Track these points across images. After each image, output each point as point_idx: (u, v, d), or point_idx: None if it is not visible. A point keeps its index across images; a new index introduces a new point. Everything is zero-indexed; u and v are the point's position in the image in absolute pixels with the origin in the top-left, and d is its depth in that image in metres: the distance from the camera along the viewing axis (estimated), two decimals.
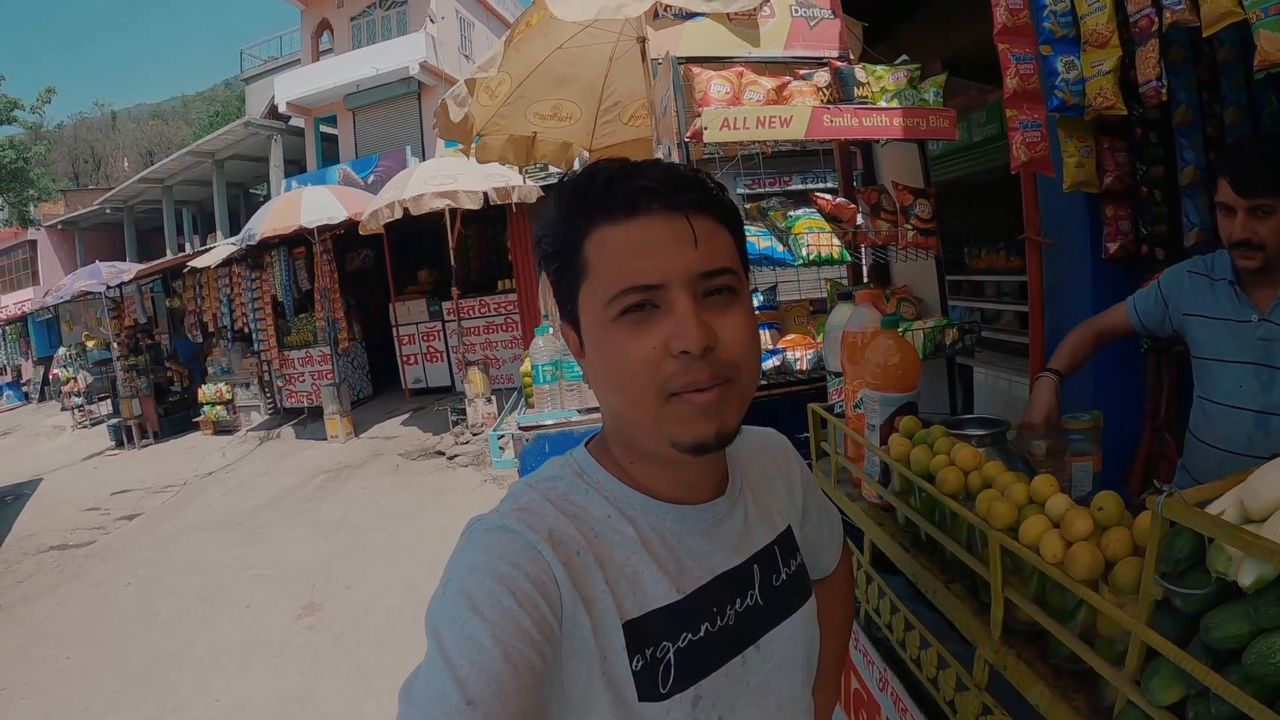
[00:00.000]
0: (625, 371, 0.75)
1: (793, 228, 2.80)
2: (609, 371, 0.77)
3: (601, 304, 0.76)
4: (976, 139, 4.67)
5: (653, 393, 0.75)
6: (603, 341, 0.77)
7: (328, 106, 18.80)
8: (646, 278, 0.74)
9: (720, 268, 0.77)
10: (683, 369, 0.73)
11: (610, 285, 0.75)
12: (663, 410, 0.75)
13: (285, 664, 4.48)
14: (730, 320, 0.77)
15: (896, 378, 1.66)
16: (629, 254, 0.75)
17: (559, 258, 0.80)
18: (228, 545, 6.91)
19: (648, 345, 0.74)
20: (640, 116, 4.97)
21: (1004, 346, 4.25)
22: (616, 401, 0.79)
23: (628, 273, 0.74)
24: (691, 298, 0.74)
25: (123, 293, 13.50)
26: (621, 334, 0.75)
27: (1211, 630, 0.73)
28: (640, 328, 0.74)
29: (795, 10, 3.07)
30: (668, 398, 0.75)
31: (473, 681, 0.63)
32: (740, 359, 0.77)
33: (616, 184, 0.76)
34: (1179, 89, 2.40)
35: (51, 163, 30.67)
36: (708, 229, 0.77)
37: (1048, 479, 1.11)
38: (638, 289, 0.74)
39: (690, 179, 0.79)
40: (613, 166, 0.78)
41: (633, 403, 0.77)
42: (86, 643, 5.18)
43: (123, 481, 10.23)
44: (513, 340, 11.11)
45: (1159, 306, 1.99)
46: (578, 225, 0.78)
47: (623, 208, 0.76)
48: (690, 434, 0.76)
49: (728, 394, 0.76)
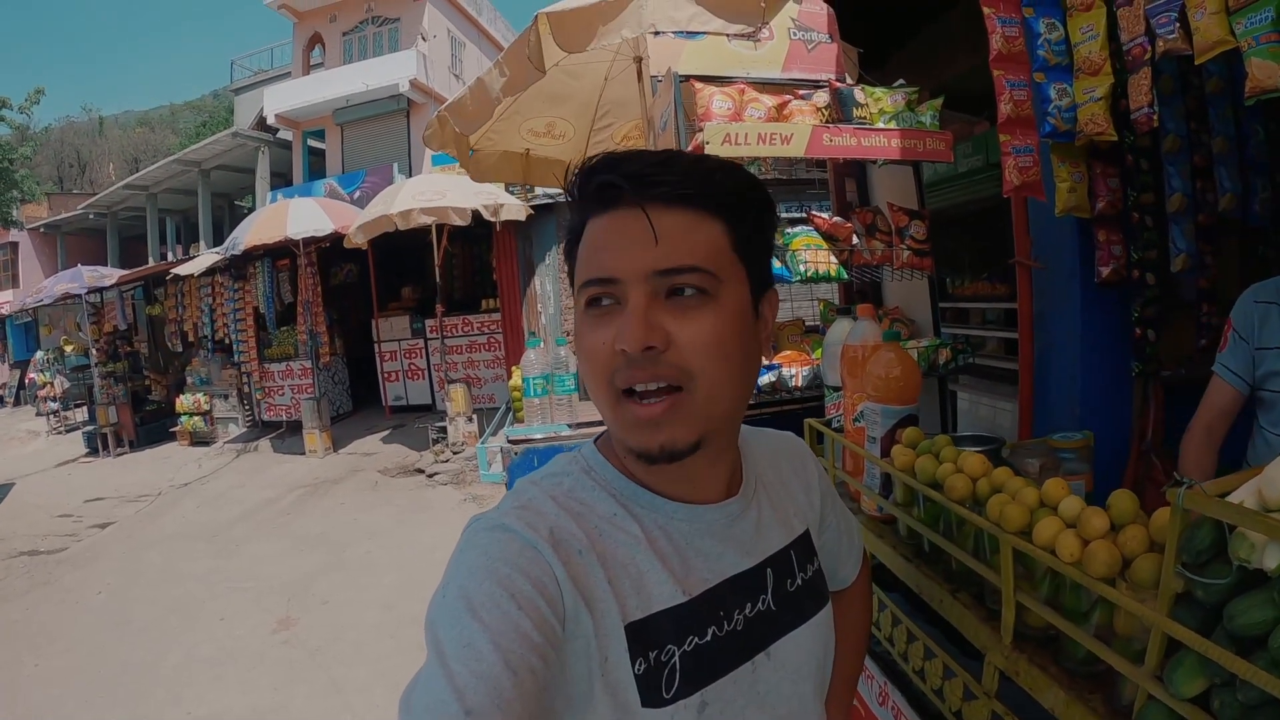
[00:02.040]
0: (586, 361, 0.77)
1: (790, 244, 2.83)
2: (580, 361, 0.79)
3: (576, 293, 0.78)
4: (962, 170, 4.74)
5: (606, 386, 0.75)
6: (577, 329, 0.79)
7: (316, 120, 18.78)
8: (604, 271, 0.74)
9: (684, 266, 0.73)
10: (624, 365, 0.73)
11: (580, 276, 0.77)
12: (616, 408, 0.75)
13: (259, 678, 4.39)
14: (692, 323, 0.73)
15: (898, 390, 1.68)
16: (597, 247, 0.76)
17: (572, 246, 0.81)
18: (203, 557, 6.80)
19: (601, 339, 0.74)
20: (632, 137, 5.00)
21: (989, 373, 4.29)
22: (589, 388, 0.80)
23: (592, 265, 0.75)
24: (645, 295, 0.73)
25: (103, 298, 13.35)
26: (586, 325, 0.77)
27: (1236, 618, 0.74)
28: (600, 321, 0.75)
29: (794, 33, 3.13)
30: (619, 395, 0.74)
31: (471, 690, 0.61)
32: (696, 365, 0.73)
33: (595, 175, 0.76)
34: (1168, 118, 2.45)
35: (36, 165, 30.32)
36: (682, 224, 0.74)
37: (1059, 482, 1.12)
38: (596, 282, 0.75)
39: (677, 169, 0.76)
40: (607, 157, 0.77)
41: (594, 394, 0.78)
42: (55, 649, 5.07)
43: (97, 489, 10.06)
44: (495, 360, 11.09)
45: (1245, 350, 1.90)
46: (580, 215, 0.80)
47: (600, 200, 0.76)
48: (637, 441, 0.75)
49: (678, 405, 0.74)
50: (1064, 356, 2.86)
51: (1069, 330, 2.86)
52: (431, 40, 18.29)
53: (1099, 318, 2.75)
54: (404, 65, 17.39)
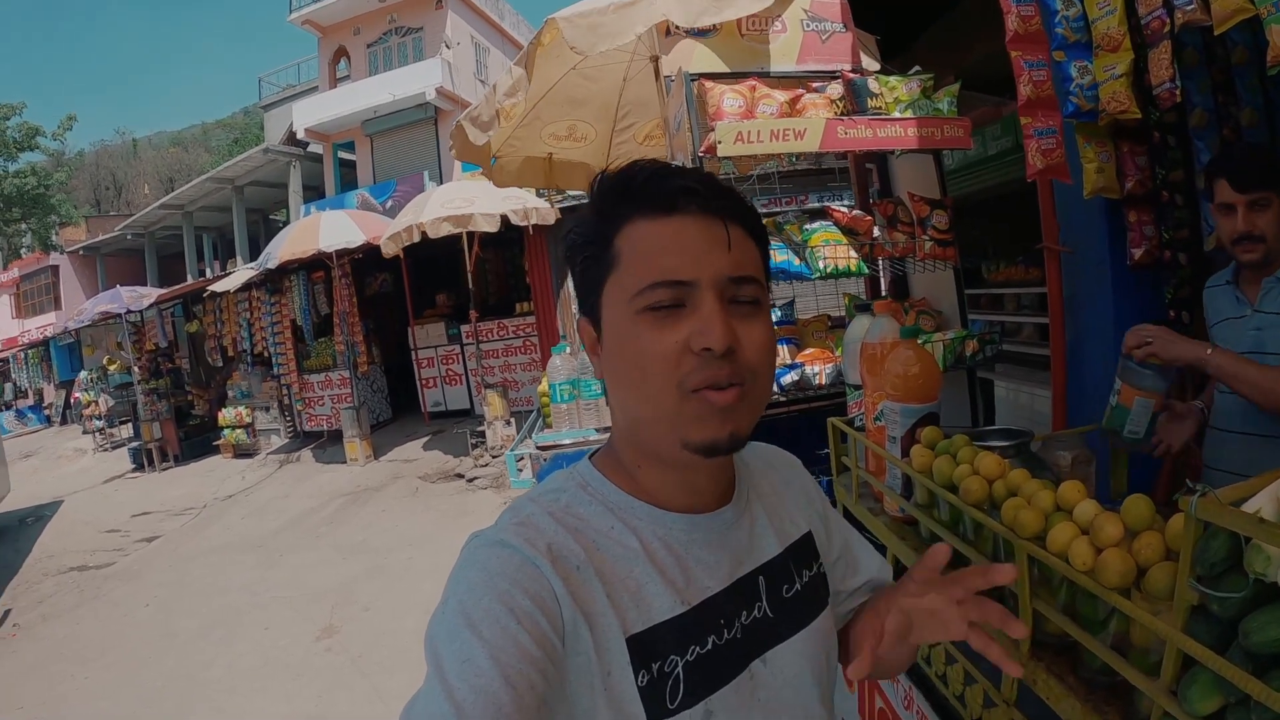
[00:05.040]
0: (645, 365, 0.75)
1: (809, 240, 2.78)
2: (627, 365, 0.77)
3: (628, 296, 0.76)
4: (992, 152, 4.64)
5: (672, 388, 0.74)
6: (625, 334, 0.77)
7: (345, 133, 19.01)
8: (678, 274, 0.75)
9: (749, 275, 0.78)
10: (701, 365, 0.74)
11: (639, 279, 0.75)
12: (680, 407, 0.75)
13: (303, 686, 4.47)
14: (752, 328, 0.77)
15: (917, 388, 1.64)
16: (661, 250, 0.76)
17: (588, 248, 0.81)
18: (247, 567, 6.93)
19: (670, 340, 0.74)
20: (655, 136, 4.98)
21: (1025, 360, 4.21)
22: (632, 398, 0.78)
23: (658, 268, 0.75)
24: (719, 299, 0.75)
25: (143, 317, 13.66)
26: (644, 327, 0.75)
27: (1251, 634, 0.70)
28: (664, 323, 0.75)
29: (807, 25, 3.07)
30: (685, 395, 0.74)
31: (470, 705, 0.62)
32: (758, 366, 0.77)
33: (657, 181, 0.78)
34: (1194, 92, 2.37)
35: (73, 189, 31.28)
36: (739, 237, 0.79)
37: (1075, 484, 1.08)
38: (667, 284, 0.75)
39: (728, 187, 0.81)
40: (654, 164, 0.80)
41: (649, 398, 0.76)
42: (104, 662, 5.21)
43: (143, 504, 10.32)
44: (531, 363, 11.13)
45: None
46: (613, 217, 0.79)
47: (661, 204, 0.77)
48: (703, 433, 0.75)
49: (743, 397, 0.76)
50: (1098, 343, 2.78)
51: (1102, 316, 2.78)
52: (456, 47, 18.40)
53: (1132, 301, 2.68)
54: (429, 74, 17.51)
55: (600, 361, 0.83)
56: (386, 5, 18.66)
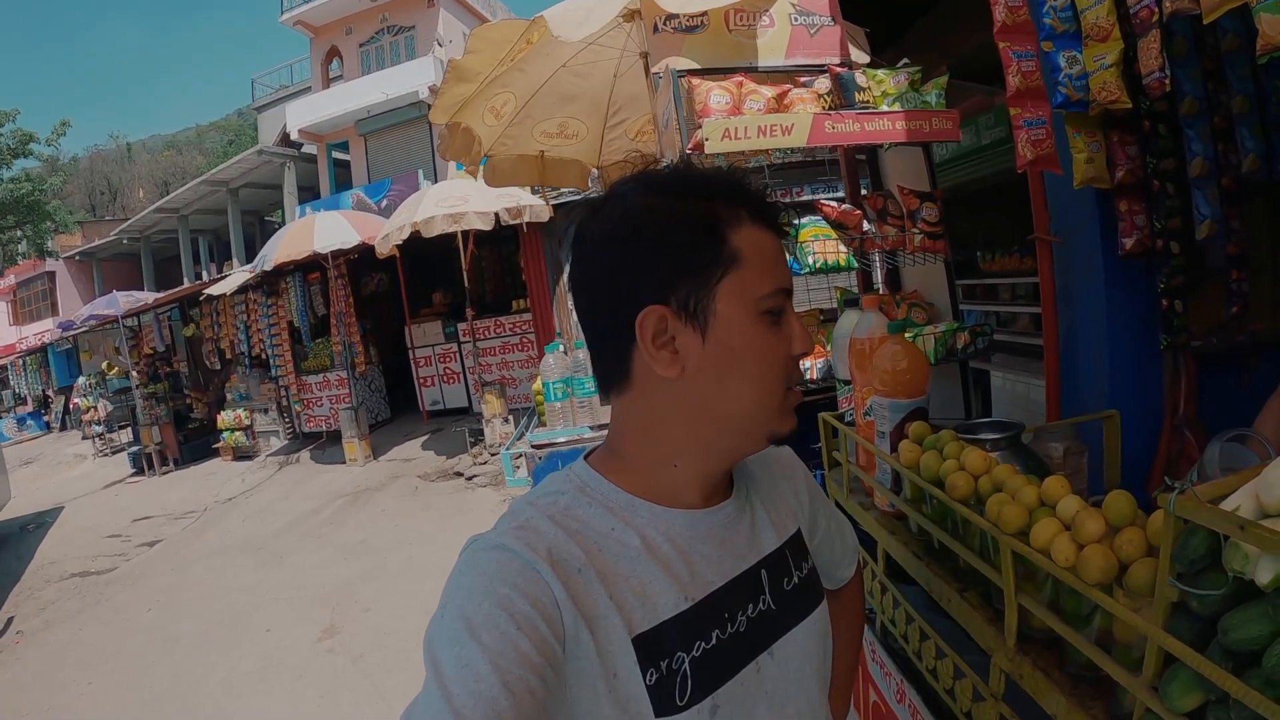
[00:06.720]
0: (770, 362, 0.81)
1: (798, 236, 2.78)
2: (749, 360, 0.80)
3: (754, 298, 0.80)
4: (985, 141, 4.62)
5: (781, 385, 0.83)
6: (748, 332, 0.80)
7: (339, 133, 18.99)
8: (788, 284, 0.84)
9: None
10: (796, 368, 0.85)
11: (767, 282, 0.80)
12: (783, 402, 0.84)
13: (305, 687, 4.48)
14: None
15: (905, 383, 1.64)
16: (776, 259, 0.83)
17: (690, 234, 0.79)
18: (248, 570, 6.94)
19: (783, 344, 0.82)
20: (646, 132, 4.96)
21: (1020, 349, 4.19)
22: (749, 390, 0.81)
23: (779, 275, 0.82)
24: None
25: (140, 322, 13.64)
26: (764, 330, 0.80)
27: (1230, 632, 0.70)
28: (776, 327, 0.81)
29: (795, 19, 3.05)
30: (785, 392, 0.84)
31: (469, 711, 0.62)
32: None
33: (756, 190, 0.84)
34: (1184, 80, 2.36)
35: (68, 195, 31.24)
36: None
37: (1059, 480, 1.08)
38: (785, 292, 0.83)
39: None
40: (734, 170, 0.91)
41: (767, 391, 0.82)
42: (107, 667, 5.22)
43: (144, 508, 10.32)
44: (528, 360, 11.13)
45: None
46: (727, 211, 0.80)
47: (768, 214, 0.83)
48: (785, 425, 0.84)
49: None
50: (1090, 333, 2.77)
51: (1094, 306, 2.77)
52: (448, 45, 18.34)
53: (1124, 291, 2.66)
54: (422, 72, 17.48)
55: (679, 355, 0.79)
56: (378, 4, 18.64)
